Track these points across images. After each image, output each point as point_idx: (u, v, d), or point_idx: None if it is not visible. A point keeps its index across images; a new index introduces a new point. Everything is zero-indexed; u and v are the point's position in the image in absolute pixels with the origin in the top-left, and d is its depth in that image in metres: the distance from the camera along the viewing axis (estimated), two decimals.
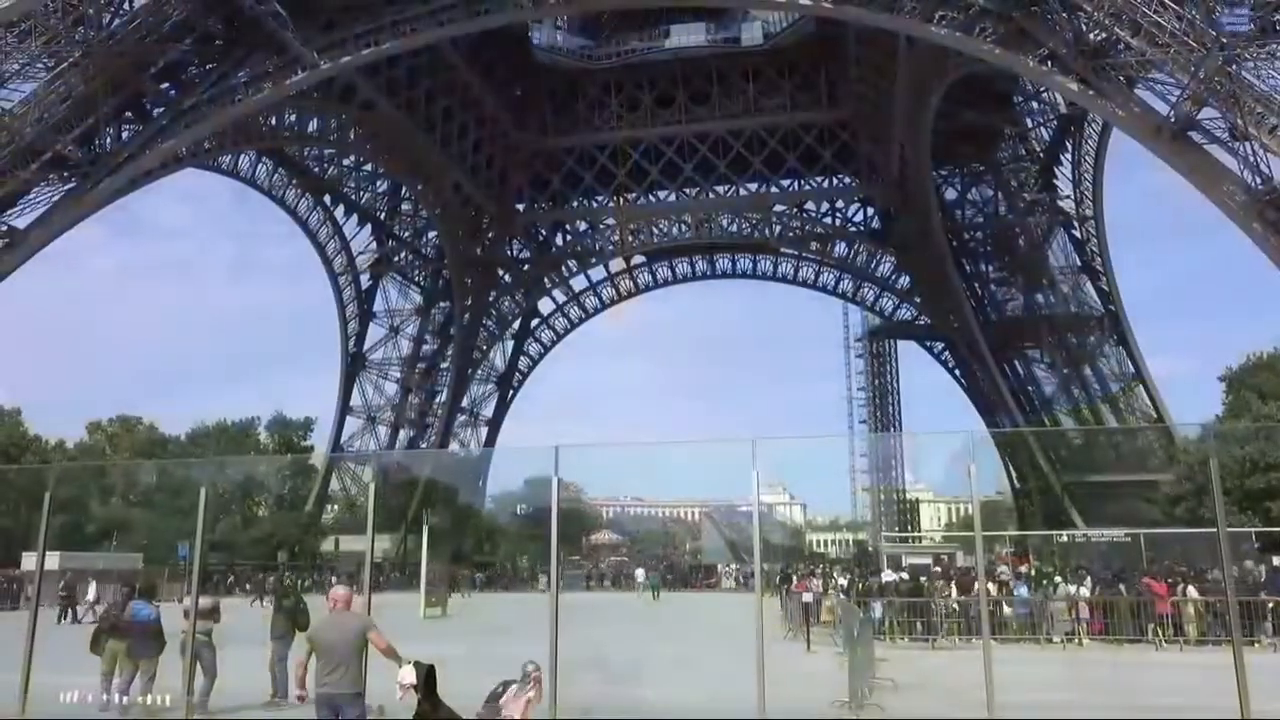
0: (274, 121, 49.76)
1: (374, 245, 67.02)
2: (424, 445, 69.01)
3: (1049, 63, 32.22)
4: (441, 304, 70.07)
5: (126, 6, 38.74)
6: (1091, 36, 29.87)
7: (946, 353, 69.93)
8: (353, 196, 63.24)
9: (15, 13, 32.47)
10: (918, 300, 68.98)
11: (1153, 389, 58.05)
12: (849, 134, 64.72)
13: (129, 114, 40.13)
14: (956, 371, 69.75)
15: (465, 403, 72.82)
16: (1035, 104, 54.39)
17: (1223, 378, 44.98)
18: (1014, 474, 67.35)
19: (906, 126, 51.97)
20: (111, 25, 37.60)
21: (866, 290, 71.95)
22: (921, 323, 70.19)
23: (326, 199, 62.13)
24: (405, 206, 66.88)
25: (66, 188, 37.56)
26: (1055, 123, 54.30)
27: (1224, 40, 24.23)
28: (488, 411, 75.54)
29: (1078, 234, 58.23)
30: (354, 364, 67.69)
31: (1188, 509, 37.49)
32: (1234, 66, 24.71)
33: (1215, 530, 10.21)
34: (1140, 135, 29.05)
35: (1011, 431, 58.92)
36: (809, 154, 65.96)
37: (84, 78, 36.77)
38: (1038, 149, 57.42)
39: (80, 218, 38.28)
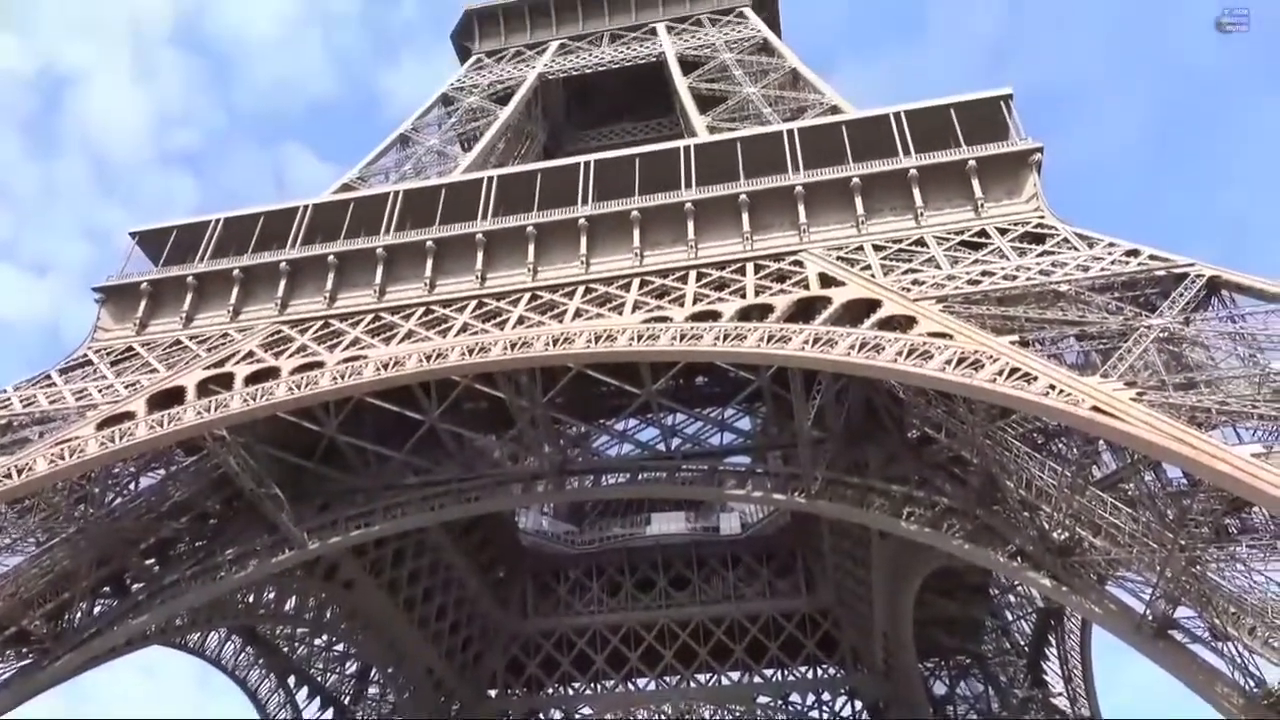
0: (251, 599, 49.35)
1: None
2: None
3: (1019, 558, 33.20)
4: None
5: (132, 487, 40.55)
6: (1055, 535, 31.16)
7: None
8: (319, 678, 60.52)
9: (25, 490, 33.75)
10: None
11: None
12: (830, 623, 64.35)
13: (106, 589, 39.98)
14: None
15: None
16: (1012, 596, 54.94)
17: None
18: None
19: (887, 616, 51.93)
20: (113, 504, 39.00)
21: None
22: None
23: (291, 680, 59.42)
24: (373, 690, 63.79)
25: (21, 664, 36.07)
26: (1035, 616, 54.37)
27: (1182, 543, 25.29)
28: None
29: None
30: None
31: None
32: (1198, 567, 25.51)
33: None
34: (1121, 633, 28.96)
35: None
36: (791, 642, 64.95)
37: (72, 552, 37.23)
38: (1022, 642, 56.79)
39: (28, 697, 36.17)
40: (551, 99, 70.39)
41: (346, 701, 62.36)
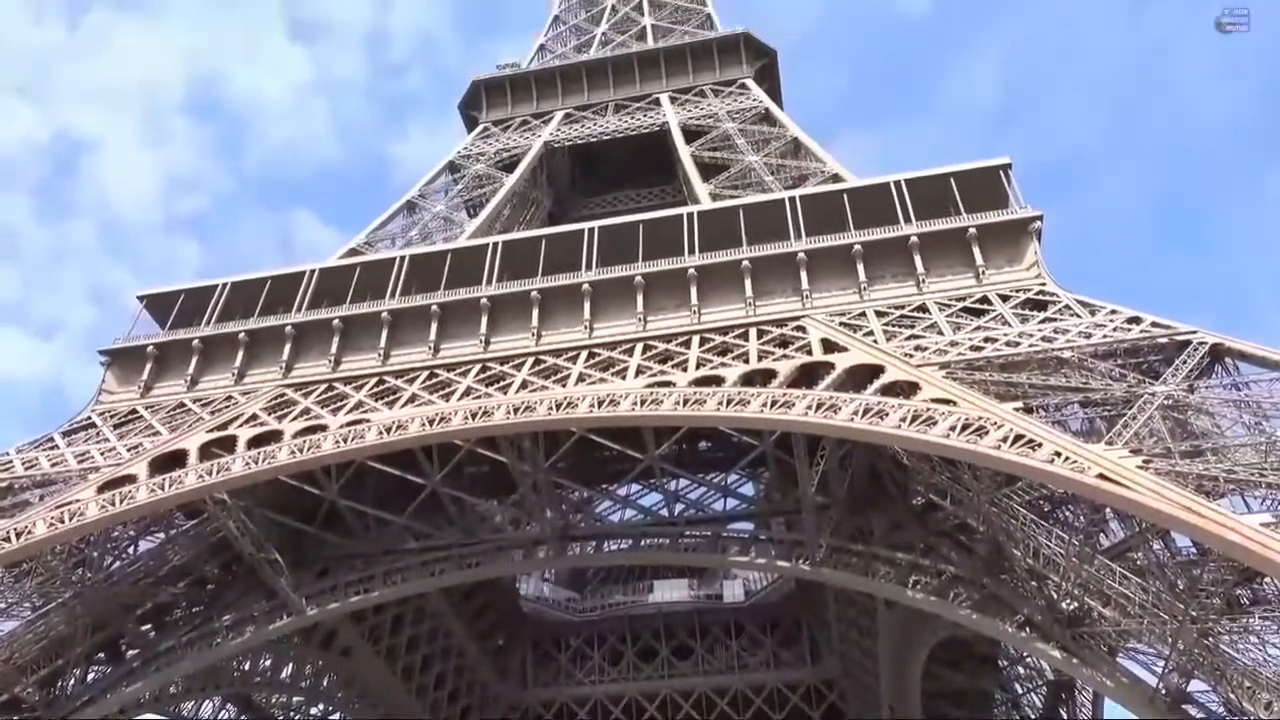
0: (247, 666, 48.50)
1: None
2: None
3: (1027, 629, 32.66)
4: None
5: (130, 550, 40.21)
6: (1064, 605, 30.71)
7: None
8: None
9: (23, 554, 33.45)
10: None
11: None
12: (836, 694, 63.01)
13: (101, 655, 39.39)
14: None
15: None
16: (1021, 668, 53.84)
17: None
18: None
19: (894, 688, 50.87)
20: (111, 568, 38.64)
21: None
22: None
23: None
24: None
25: None
26: (1045, 688, 53.24)
27: (1193, 614, 24.90)
28: None
29: None
30: None
31: None
32: (1210, 639, 25.07)
33: None
34: (1134, 707, 28.33)
35: None
36: (796, 715, 63.53)
37: (68, 618, 36.77)
38: (1033, 715, 55.49)
39: None
40: (557, 166, 71.45)
41: None
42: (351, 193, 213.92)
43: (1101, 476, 24.36)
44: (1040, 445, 26.02)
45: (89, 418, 42.64)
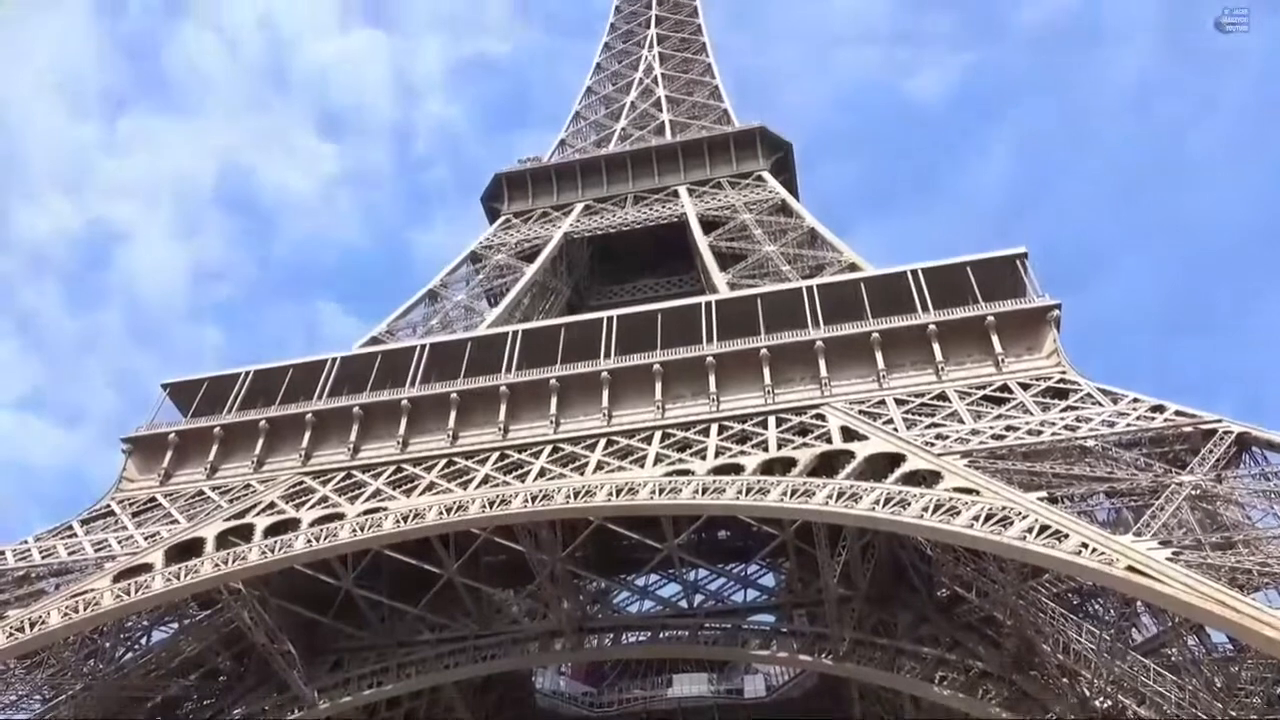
0: None
1: None
2: None
3: None
4: None
5: (143, 641, 39.75)
6: (1097, 703, 29.67)
7: None
8: None
9: (37, 644, 33.13)
10: None
11: None
12: None
13: None
14: None
15: None
16: None
17: None
18: None
19: None
20: (123, 659, 38.16)
21: None
22: None
23: None
24: None
25: None
26: None
27: (1233, 714, 24.03)
28: None
29: None
30: None
31: None
32: None
33: None
34: None
35: None
36: None
37: (77, 711, 36.19)
38: None
39: None
40: (576, 256, 72.47)
41: None
42: (374, 282, 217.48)
43: (1131, 569, 23.78)
44: (1067, 536, 25.51)
45: (108, 506, 42.72)
